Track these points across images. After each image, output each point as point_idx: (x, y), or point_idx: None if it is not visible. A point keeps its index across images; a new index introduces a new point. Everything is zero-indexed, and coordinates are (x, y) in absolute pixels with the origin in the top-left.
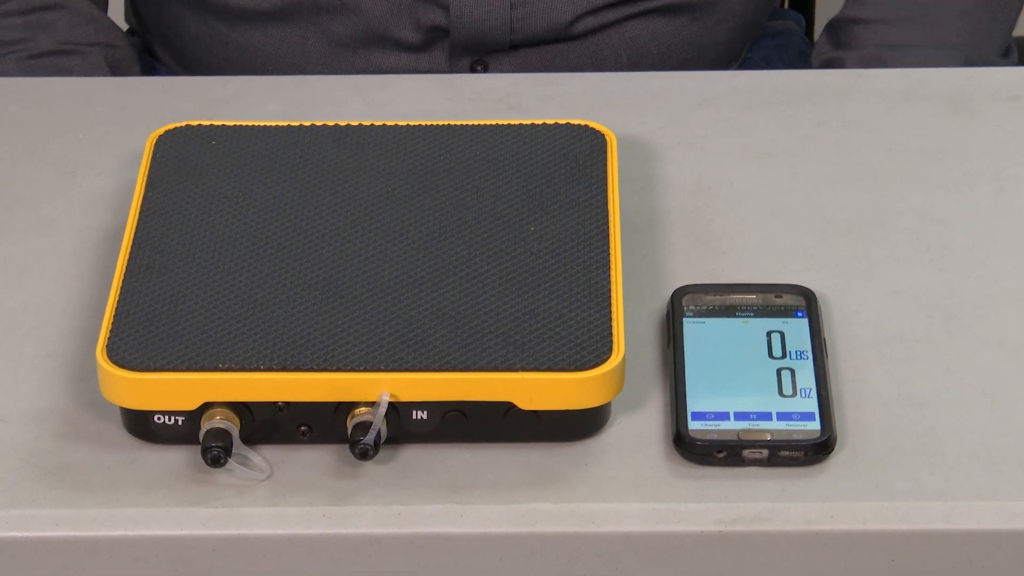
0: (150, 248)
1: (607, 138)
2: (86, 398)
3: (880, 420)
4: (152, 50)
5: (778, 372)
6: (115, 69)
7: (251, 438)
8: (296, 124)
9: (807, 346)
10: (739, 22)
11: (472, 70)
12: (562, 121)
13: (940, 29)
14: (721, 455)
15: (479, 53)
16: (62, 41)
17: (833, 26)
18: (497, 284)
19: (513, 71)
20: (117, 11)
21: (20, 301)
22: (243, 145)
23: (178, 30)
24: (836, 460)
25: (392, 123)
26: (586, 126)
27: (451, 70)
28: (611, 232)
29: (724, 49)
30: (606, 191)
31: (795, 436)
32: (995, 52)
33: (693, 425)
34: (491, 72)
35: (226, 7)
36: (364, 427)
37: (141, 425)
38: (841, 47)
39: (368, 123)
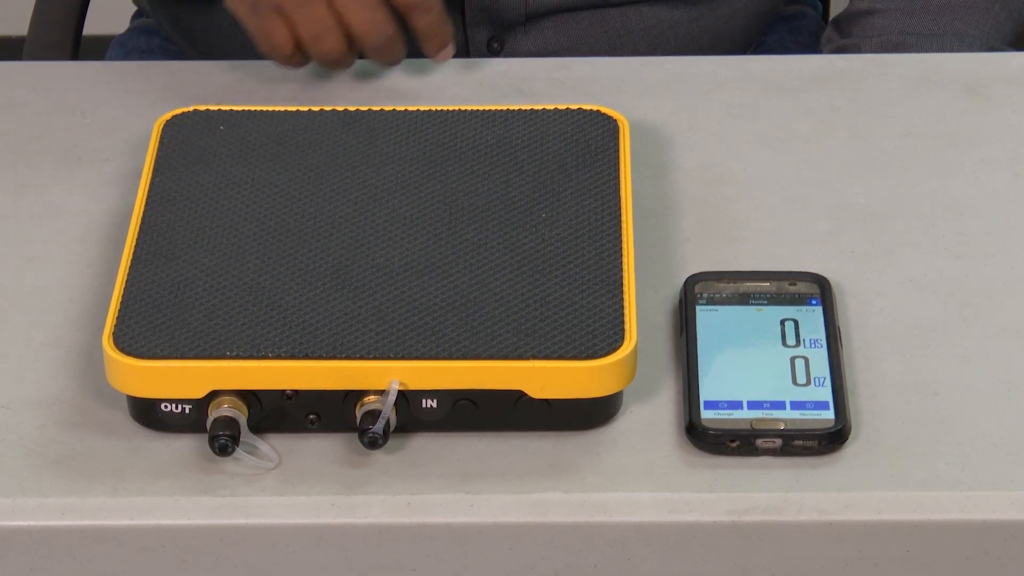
0: (157, 234)
1: (619, 123)
2: (92, 386)
3: (895, 409)
4: (164, 31)
5: (792, 361)
6: None
7: (259, 426)
8: (305, 109)
9: (821, 334)
10: (757, 11)
11: (488, 47)
12: (574, 106)
13: (959, 21)
14: (734, 444)
15: (495, 25)
16: None
17: (843, 20)
18: (508, 271)
19: (529, 49)
20: None
21: (26, 287)
22: (251, 130)
23: (190, 10)
24: (850, 450)
25: (402, 108)
26: (598, 111)
27: (468, 45)
28: (623, 219)
29: (741, 38)
30: (618, 177)
31: (809, 425)
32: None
33: (706, 414)
34: (507, 50)
35: None
36: (373, 415)
37: (148, 413)
38: (854, 37)
39: (378, 108)
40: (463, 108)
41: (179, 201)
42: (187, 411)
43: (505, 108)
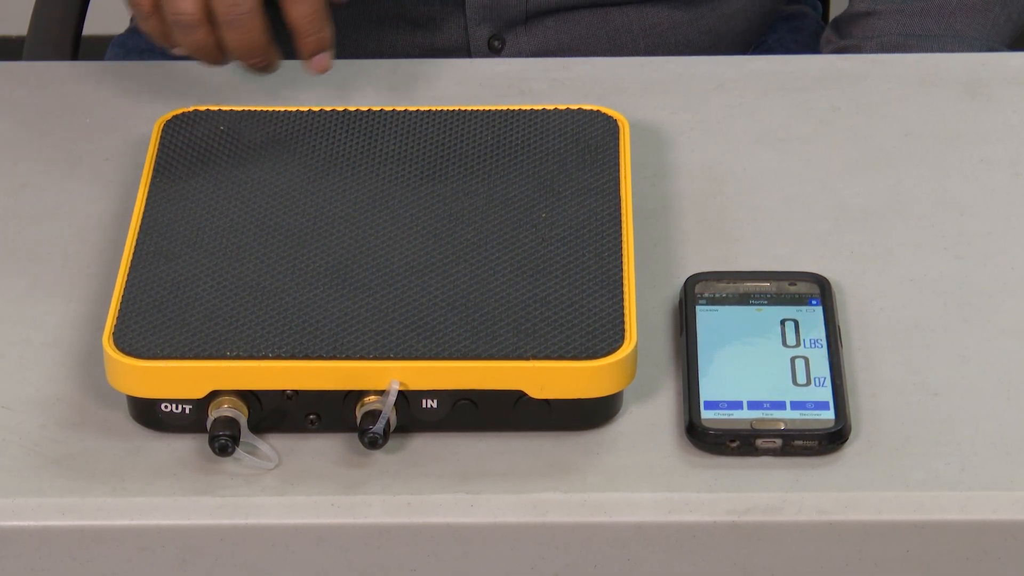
0: (157, 234)
1: (619, 123)
2: (92, 386)
3: (895, 409)
4: None
5: (792, 361)
6: None
7: (259, 427)
8: (305, 109)
9: (821, 334)
10: (758, 11)
11: (489, 45)
12: (574, 106)
13: (958, 22)
14: (734, 444)
15: (496, 23)
16: None
17: (843, 21)
18: (508, 271)
19: (530, 48)
20: None
21: (26, 288)
22: (251, 130)
23: None
24: (850, 450)
25: (402, 108)
26: (598, 111)
27: (469, 44)
28: (623, 219)
29: (741, 39)
30: (618, 177)
31: (809, 425)
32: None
33: (706, 414)
34: (508, 49)
35: None
36: (373, 415)
37: (148, 413)
38: (854, 38)
39: (378, 108)
40: (463, 108)
41: (179, 201)
42: (187, 411)
43: (505, 108)
